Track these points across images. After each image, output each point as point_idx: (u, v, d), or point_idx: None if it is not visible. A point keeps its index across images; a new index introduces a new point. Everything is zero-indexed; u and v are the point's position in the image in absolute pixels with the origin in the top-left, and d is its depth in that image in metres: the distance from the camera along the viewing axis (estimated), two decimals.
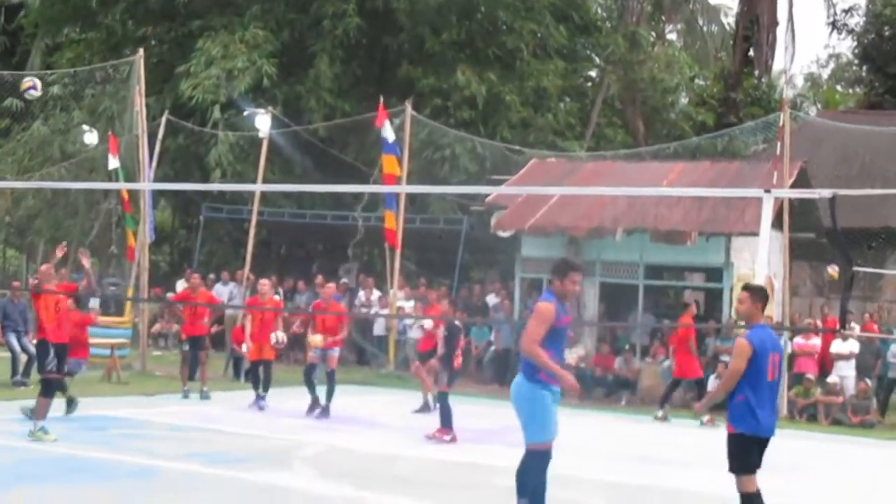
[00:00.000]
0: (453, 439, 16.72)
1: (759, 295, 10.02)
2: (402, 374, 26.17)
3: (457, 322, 17.69)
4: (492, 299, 28.38)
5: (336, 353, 19.64)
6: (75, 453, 13.68)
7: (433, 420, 17.25)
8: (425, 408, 20.36)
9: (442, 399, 16.87)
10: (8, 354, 21.63)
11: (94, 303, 30.19)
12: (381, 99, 26.66)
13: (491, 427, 17.92)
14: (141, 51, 27.12)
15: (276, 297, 23.26)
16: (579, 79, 41.31)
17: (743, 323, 10.32)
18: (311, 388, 19.31)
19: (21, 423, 15.20)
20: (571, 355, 24.52)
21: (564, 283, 9.99)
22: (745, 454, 9.74)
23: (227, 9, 34.40)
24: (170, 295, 29.27)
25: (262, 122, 27.88)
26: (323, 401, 19.12)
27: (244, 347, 21.01)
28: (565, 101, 38.50)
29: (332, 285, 20.58)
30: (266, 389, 19.97)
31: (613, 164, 30.54)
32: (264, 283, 20.78)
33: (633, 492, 13.27)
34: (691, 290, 30.02)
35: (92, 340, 20.59)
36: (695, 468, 15.30)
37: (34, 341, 16.19)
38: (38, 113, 37.56)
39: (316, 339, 19.32)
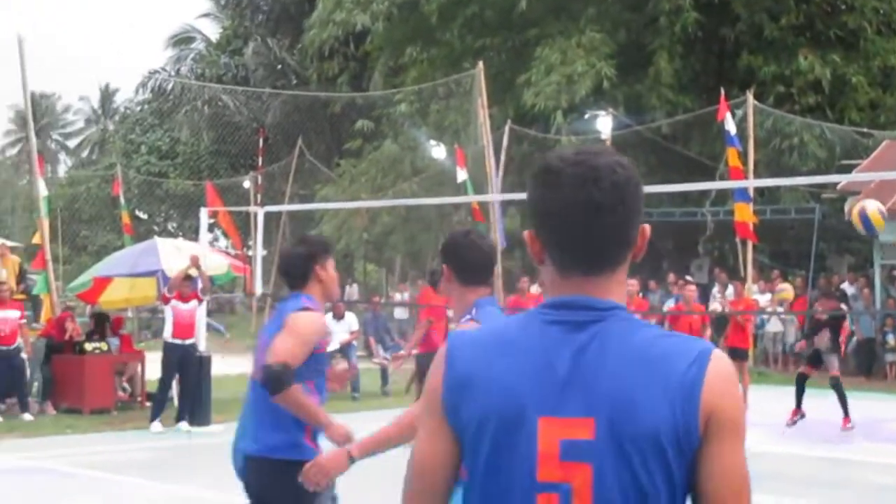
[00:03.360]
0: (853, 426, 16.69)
1: None
2: (763, 369, 25.76)
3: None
4: (849, 288, 27.55)
5: None
6: None
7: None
8: None
9: (835, 384, 16.71)
10: (374, 366, 22.44)
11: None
12: (722, 91, 26.29)
13: (855, 420, 17.41)
14: (480, 63, 27.69)
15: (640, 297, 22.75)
16: None
17: None
18: None
19: None
20: None
21: None
22: None
23: (562, 14, 34.68)
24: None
25: (604, 123, 27.99)
26: None
27: None
28: None
29: (693, 286, 19.96)
30: None
31: None
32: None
33: None
34: None
35: None
36: None
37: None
38: (387, 132, 38.96)
39: None
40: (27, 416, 18.24)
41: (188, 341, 17.69)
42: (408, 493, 2.45)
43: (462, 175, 27.23)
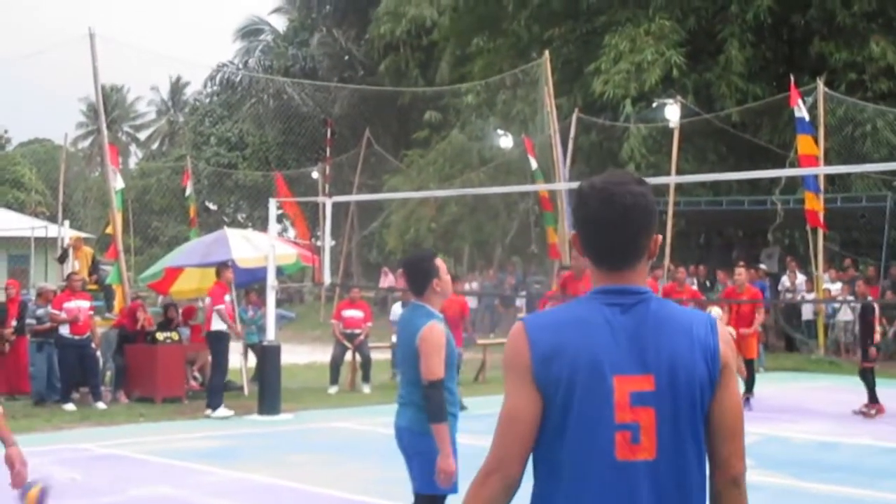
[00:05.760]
0: (879, 412, 17.24)
1: None
2: (834, 358, 25.53)
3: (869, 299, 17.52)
4: None
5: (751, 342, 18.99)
6: None
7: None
8: None
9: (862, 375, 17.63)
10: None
11: (520, 302, 30.89)
12: (792, 78, 26.01)
13: None
14: (546, 53, 27.57)
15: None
16: None
17: None
18: None
19: None
20: None
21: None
22: None
23: (630, 2, 34.47)
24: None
25: (672, 112, 27.81)
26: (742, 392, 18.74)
27: None
28: None
29: (741, 269, 19.71)
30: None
31: None
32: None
33: None
34: None
35: None
36: None
37: None
38: (455, 122, 38.93)
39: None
40: (100, 405, 18.46)
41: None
42: (500, 436, 3.19)
43: (534, 164, 27.18)
